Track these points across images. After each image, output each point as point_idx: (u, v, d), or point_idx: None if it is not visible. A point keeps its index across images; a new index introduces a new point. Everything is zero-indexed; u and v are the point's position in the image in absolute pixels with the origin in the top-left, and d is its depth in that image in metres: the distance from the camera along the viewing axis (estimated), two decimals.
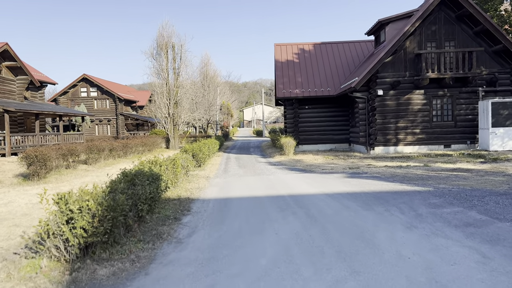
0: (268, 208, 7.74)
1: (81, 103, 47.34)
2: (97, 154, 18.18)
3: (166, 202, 8.40)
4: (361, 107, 18.62)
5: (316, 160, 16.77)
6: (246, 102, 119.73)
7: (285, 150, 18.64)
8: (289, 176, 12.37)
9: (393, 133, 18.56)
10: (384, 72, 18.50)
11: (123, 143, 21.74)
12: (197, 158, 14.62)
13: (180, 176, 10.69)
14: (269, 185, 10.67)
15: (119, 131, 48.33)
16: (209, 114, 43.18)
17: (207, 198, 9.17)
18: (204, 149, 15.67)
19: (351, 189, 9.47)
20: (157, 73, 28.90)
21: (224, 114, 51.64)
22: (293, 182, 11.05)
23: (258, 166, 15.83)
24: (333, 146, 22.46)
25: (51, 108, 28.13)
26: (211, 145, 19.11)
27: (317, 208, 7.55)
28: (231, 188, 10.56)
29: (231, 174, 13.48)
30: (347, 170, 13.06)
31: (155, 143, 27.35)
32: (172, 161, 10.06)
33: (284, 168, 14.88)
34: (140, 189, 6.51)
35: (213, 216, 7.22)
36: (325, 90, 21.85)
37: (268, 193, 9.47)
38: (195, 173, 13.69)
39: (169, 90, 29.08)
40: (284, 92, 21.75)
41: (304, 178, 11.86)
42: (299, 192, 9.33)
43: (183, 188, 10.31)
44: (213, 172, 14.21)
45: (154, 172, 7.63)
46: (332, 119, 22.50)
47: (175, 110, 29.39)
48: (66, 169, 16.17)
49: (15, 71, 26.35)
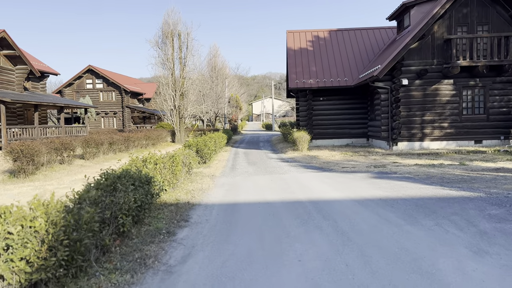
0: (285, 218, 6.21)
1: (86, 95, 46.20)
2: (95, 148, 16.81)
3: (161, 208, 6.92)
4: (383, 98, 16.92)
5: (334, 157, 15.16)
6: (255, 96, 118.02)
7: (299, 145, 17.05)
8: (306, 176, 10.81)
9: (419, 127, 16.84)
10: (409, 59, 16.75)
11: (125, 137, 20.36)
12: (201, 153, 13.13)
13: (180, 176, 9.21)
14: (283, 187, 9.13)
15: (125, 124, 47.13)
16: (217, 107, 41.67)
17: (211, 203, 7.67)
18: (210, 143, 14.18)
19: (383, 193, 7.88)
20: (162, 63, 27.42)
21: (233, 107, 50.07)
22: (311, 183, 9.49)
23: (269, 163, 14.29)
24: (350, 141, 20.80)
25: (51, 99, 26.88)
26: (218, 139, 17.61)
27: (347, 220, 5.99)
28: (239, 190, 9.04)
29: (239, 173, 11.96)
30: (371, 169, 11.45)
31: (159, 136, 25.95)
32: (170, 158, 8.57)
33: (298, 165, 13.32)
34: (122, 196, 5.02)
35: (216, 230, 5.71)
36: (341, 80, 20.15)
37: (283, 197, 7.93)
38: (199, 170, 12.21)
39: (175, 81, 27.59)
40: (297, 82, 20.11)
41: (324, 178, 10.29)
42: (321, 197, 7.77)
43: (183, 190, 8.82)
44: (219, 169, 12.71)
45: (143, 173, 6.14)
46: (349, 111, 20.81)
47: (181, 102, 27.93)
48: (60, 165, 14.83)
49: (14, 60, 25.09)
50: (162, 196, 7.75)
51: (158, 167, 7.61)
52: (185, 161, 10.00)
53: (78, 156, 16.98)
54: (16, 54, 24.45)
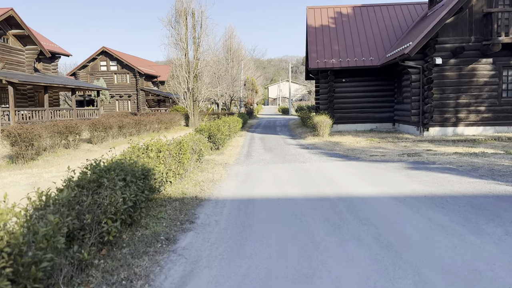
0: (312, 221, 5.06)
1: (100, 77, 45.54)
2: (103, 132, 15.91)
3: (163, 205, 5.87)
4: (414, 79, 15.39)
5: (358, 143, 13.86)
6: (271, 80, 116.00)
7: (319, 131, 15.77)
8: (330, 165, 9.60)
9: (453, 111, 15.31)
10: (444, 36, 15.12)
11: (136, 120, 19.43)
12: (214, 139, 12.03)
13: (189, 164, 8.13)
14: (306, 179, 7.96)
15: (140, 107, 46.42)
16: (232, 90, 40.41)
17: (222, 197, 6.57)
18: (224, 128, 13.04)
19: (427, 189, 6.63)
20: (175, 43, 26.23)
21: (248, 90, 48.70)
22: (337, 174, 8.29)
23: (287, 150, 13.11)
24: (374, 126, 19.37)
25: (62, 81, 26.12)
26: (232, 124, 16.48)
27: (391, 225, 4.81)
28: (255, 181, 7.92)
29: (255, 160, 10.83)
30: (404, 158, 10.14)
31: (173, 120, 24.98)
32: (177, 144, 7.49)
33: (320, 152, 12.10)
34: (108, 195, 3.96)
35: (227, 236, 4.61)
36: (366, 60, 18.61)
37: (306, 192, 6.77)
38: (211, 157, 11.13)
39: (188, 62, 26.41)
40: (318, 62, 18.67)
41: (351, 168, 9.07)
42: (352, 193, 6.58)
43: (192, 181, 7.75)
44: (233, 157, 11.60)
45: (140, 164, 5.06)
46: (373, 94, 19.31)
47: (195, 84, 26.79)
48: (65, 149, 13.99)
49: (23, 40, 24.31)
50: (167, 188, 6.70)
51: (162, 156, 6.53)
52: (195, 147, 8.91)
53: (86, 140, 16.13)
54: (25, 33, 23.63)
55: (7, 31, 23.22)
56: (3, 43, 22.77)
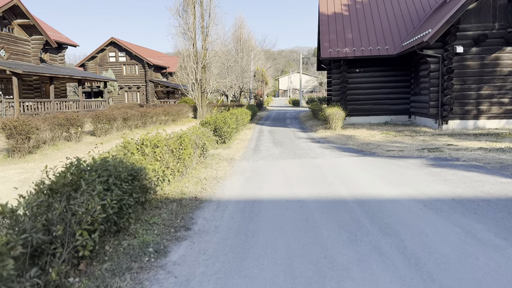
0: (325, 230, 4.40)
1: (108, 68, 45.18)
2: (107, 124, 15.40)
3: (158, 207, 5.27)
4: (433, 68, 14.49)
5: (373, 137, 13.09)
6: (282, 71, 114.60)
7: (331, 123, 15.01)
8: (344, 161, 8.90)
9: (474, 102, 14.40)
10: (465, 23, 14.16)
11: (141, 112, 18.90)
12: (220, 132, 11.39)
13: (191, 161, 7.51)
14: (317, 176, 7.28)
15: (149, 99, 46.04)
16: (241, 81, 39.66)
17: (225, 198, 5.95)
18: (230, 121, 12.38)
19: (454, 190, 5.91)
20: (183, 33, 25.55)
21: (258, 82, 47.85)
22: (352, 172, 7.59)
23: (298, 144, 12.41)
24: (389, 118, 18.52)
25: (69, 72, 25.71)
26: (240, 116, 15.81)
27: (417, 236, 4.12)
28: (262, 179, 7.27)
29: (263, 155, 10.17)
30: (424, 154, 9.37)
31: (180, 112, 24.41)
32: (178, 139, 6.87)
33: (332, 147, 11.38)
34: (84, 202, 3.35)
35: (226, 247, 3.98)
36: (382, 49, 17.71)
37: (318, 192, 6.10)
38: (216, 152, 10.51)
39: (196, 52, 25.73)
40: (331, 51, 17.81)
41: (367, 164, 8.36)
42: (369, 194, 5.89)
43: (193, 179, 7.15)
44: (240, 151, 10.95)
45: (127, 163, 4.44)
46: (388, 85, 18.42)
47: (203, 75, 26.14)
48: (67, 142, 13.52)
49: (29, 30, 23.89)
50: (165, 188, 6.10)
51: (158, 152, 5.92)
52: (198, 142, 8.29)
53: (89, 132, 15.66)
54: (31, 23, 23.20)
55: (12, 20, 22.81)
56: (8, 33, 22.38)
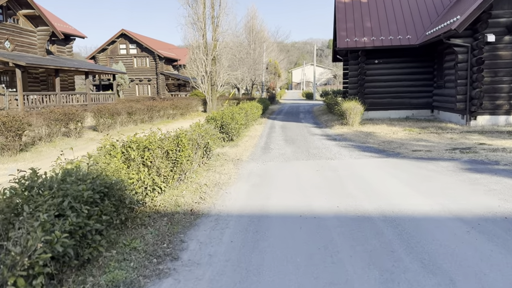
0: (349, 264, 3.42)
1: (119, 61, 44.59)
2: (110, 119, 14.61)
3: (145, 224, 4.36)
4: (461, 59, 13.24)
5: (395, 134, 11.96)
6: (295, 63, 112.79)
7: (348, 119, 13.91)
8: (365, 163, 7.86)
9: (506, 96, 13.12)
10: (498, 9, 12.84)
11: (148, 106, 18.08)
12: (227, 129, 10.44)
13: (190, 164, 6.58)
14: (335, 183, 6.28)
15: (160, 92, 45.37)
16: (254, 74, 38.58)
17: (226, 212, 5.01)
18: (239, 116, 11.40)
19: (503, 204, 4.84)
20: (192, 23, 24.57)
21: (271, 74, 46.68)
22: (375, 177, 6.56)
23: (312, 142, 11.39)
24: (410, 113, 17.29)
25: (76, 64, 25.05)
26: (250, 110, 14.82)
27: (472, 277, 3.10)
28: (271, 186, 6.30)
29: (274, 155, 9.19)
30: (456, 155, 8.26)
31: (189, 105, 23.55)
32: (174, 139, 5.96)
33: (351, 146, 10.33)
34: (23, 236, 2.44)
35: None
36: (403, 38, 16.43)
37: (338, 205, 5.11)
38: (223, 151, 9.57)
39: (206, 43, 24.76)
40: (348, 41, 16.63)
41: (391, 168, 7.30)
42: (400, 208, 4.87)
43: (192, 185, 6.23)
44: (248, 150, 9.98)
45: (102, 176, 3.53)
46: (409, 77, 17.16)
47: (213, 67, 25.17)
48: (67, 138, 12.78)
49: (34, 21, 23.24)
50: (156, 198, 5.19)
51: (148, 156, 5.02)
52: (201, 141, 7.36)
53: (91, 127, 14.90)
54: (36, 13, 22.52)
55: (17, 11, 22.17)
56: (13, 24, 21.76)
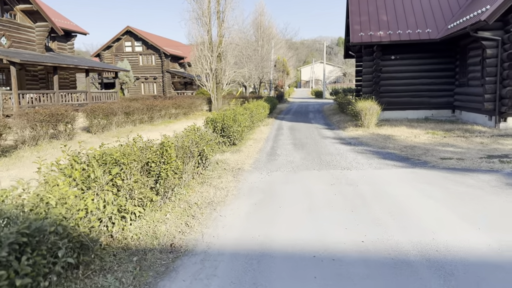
0: None
1: (124, 58, 43.72)
2: (104, 119, 13.56)
3: (103, 269, 3.23)
4: (490, 54, 11.91)
5: (417, 138, 10.69)
6: (304, 61, 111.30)
7: (363, 120, 12.65)
8: (388, 176, 6.64)
9: None
10: None
11: (147, 105, 17.01)
12: (228, 132, 9.28)
13: (183, 175, 5.45)
14: (355, 204, 5.09)
15: (166, 90, 44.43)
16: (261, 72, 37.36)
17: (217, 246, 3.85)
18: (242, 118, 10.23)
19: None
20: (196, 18, 23.44)
21: (279, 72, 45.40)
22: (404, 195, 5.35)
23: (324, 146, 10.18)
24: (429, 113, 15.96)
25: (76, 61, 24.12)
26: (256, 110, 13.65)
27: None
28: (277, 206, 5.13)
29: (280, 163, 8.00)
30: (496, 165, 6.98)
31: (193, 105, 22.46)
32: (157, 150, 4.83)
33: (368, 151, 9.10)
34: None
35: None
36: (422, 32, 15.10)
37: (362, 239, 3.91)
38: (223, 157, 8.42)
39: (211, 39, 23.62)
40: (362, 35, 15.34)
41: (422, 182, 6.08)
42: (446, 246, 3.66)
43: (180, 203, 5.09)
44: (251, 156, 8.81)
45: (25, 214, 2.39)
46: (429, 74, 15.82)
47: (218, 64, 24.03)
48: (57, 140, 11.74)
49: (33, 16, 22.33)
50: (128, 228, 4.06)
51: (116, 174, 3.88)
52: (194, 149, 6.22)
53: (85, 128, 13.87)
54: (34, 8, 21.59)
55: (14, 6, 21.28)
56: (10, 19, 20.86)
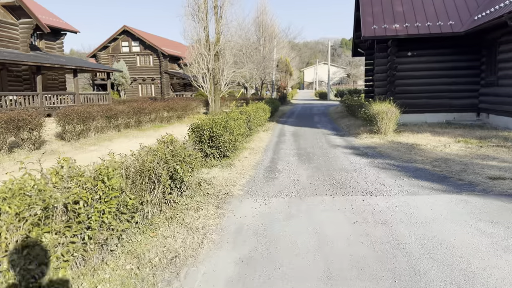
0: None
1: (120, 59, 42.12)
2: (80, 124, 11.83)
3: None
4: None
5: (446, 147, 8.85)
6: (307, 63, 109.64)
7: (380, 125, 10.83)
8: (428, 205, 4.83)
9: None
10: None
11: (134, 108, 15.28)
12: (218, 142, 7.49)
13: (121, 224, 3.69)
14: (397, 265, 3.29)
15: (164, 92, 42.77)
16: (263, 72, 35.57)
17: None
18: (236, 124, 8.40)
19: None
20: (192, 14, 21.71)
21: (282, 72, 43.57)
22: (468, 246, 3.55)
23: (335, 159, 8.37)
24: (450, 116, 14.13)
25: (63, 60, 22.44)
26: (254, 114, 11.85)
27: None
28: (275, 267, 3.34)
29: (282, 184, 6.20)
30: None
31: (188, 107, 20.70)
32: (90, 181, 3.06)
33: (392, 166, 7.28)
34: None
35: None
36: (444, 25, 13.29)
37: None
38: (210, 175, 6.64)
39: (208, 36, 21.88)
40: (376, 28, 13.54)
41: (484, 220, 4.27)
42: None
43: (126, 264, 3.31)
44: (245, 173, 7.00)
45: None
46: (450, 73, 13.99)
47: (216, 64, 22.29)
48: (21, 150, 10.01)
49: (16, 12, 20.68)
50: None
51: None
52: (161, 172, 4.45)
53: (59, 135, 12.14)
54: (16, 4, 19.94)
55: None
56: None
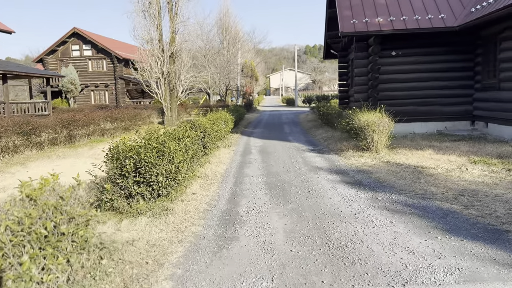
0: None
1: (69, 64, 38.29)
2: None
3: None
4: None
5: (463, 172, 6.64)
6: (273, 69, 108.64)
7: (370, 141, 8.56)
8: None
9: None
10: None
11: (63, 119, 12.27)
12: (148, 176, 4.88)
13: None
14: None
15: (119, 99, 39.29)
16: (227, 77, 33.09)
17: None
18: (179, 146, 5.80)
19: None
20: (143, 10, 18.95)
21: (247, 78, 41.26)
22: None
23: (321, 193, 5.96)
24: (441, 125, 12.21)
25: None
26: (212, 128, 9.25)
27: None
28: None
29: (243, 258, 3.69)
30: None
31: (137, 117, 17.80)
32: None
33: (406, 208, 4.95)
34: None
35: None
36: (435, 19, 11.36)
37: None
38: (127, 236, 4.02)
39: (161, 35, 19.17)
40: (355, 23, 11.41)
41: None
42: None
43: None
44: (188, 229, 4.40)
45: None
46: (441, 75, 12.09)
47: (171, 67, 19.57)
48: None
49: None
50: None
51: None
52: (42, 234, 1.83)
53: None
54: None
55: None
56: None
